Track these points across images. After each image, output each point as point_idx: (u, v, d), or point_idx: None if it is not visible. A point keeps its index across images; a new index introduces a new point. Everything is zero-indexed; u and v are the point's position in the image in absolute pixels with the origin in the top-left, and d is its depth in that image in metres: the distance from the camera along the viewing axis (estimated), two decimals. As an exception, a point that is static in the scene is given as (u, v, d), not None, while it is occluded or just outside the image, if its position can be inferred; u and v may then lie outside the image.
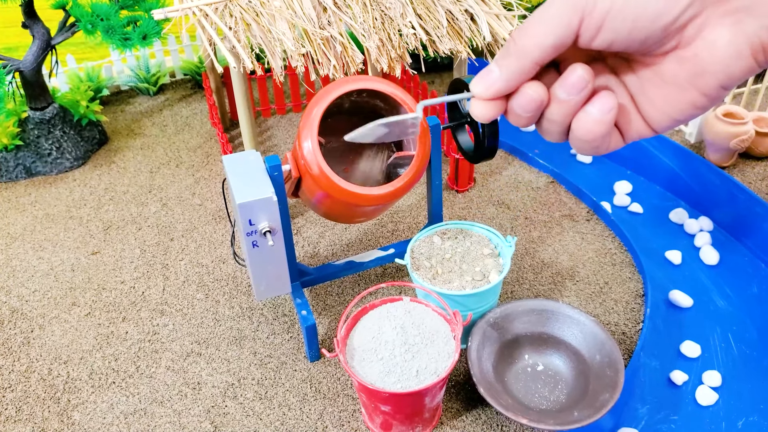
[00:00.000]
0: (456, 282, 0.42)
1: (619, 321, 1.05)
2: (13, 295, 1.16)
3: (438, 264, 0.44)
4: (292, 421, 0.92)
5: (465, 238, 0.44)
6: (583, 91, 0.35)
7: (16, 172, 1.45)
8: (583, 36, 0.34)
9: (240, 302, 1.12)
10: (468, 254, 0.43)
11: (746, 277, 1.12)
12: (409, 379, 0.81)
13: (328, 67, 1.06)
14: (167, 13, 1.06)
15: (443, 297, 0.39)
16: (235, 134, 1.58)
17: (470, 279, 0.42)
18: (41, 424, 0.93)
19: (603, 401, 0.83)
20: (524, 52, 0.34)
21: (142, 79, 1.75)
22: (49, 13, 1.37)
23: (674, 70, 0.34)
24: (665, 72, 0.34)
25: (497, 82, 0.36)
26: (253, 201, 0.84)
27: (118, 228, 1.31)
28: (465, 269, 0.42)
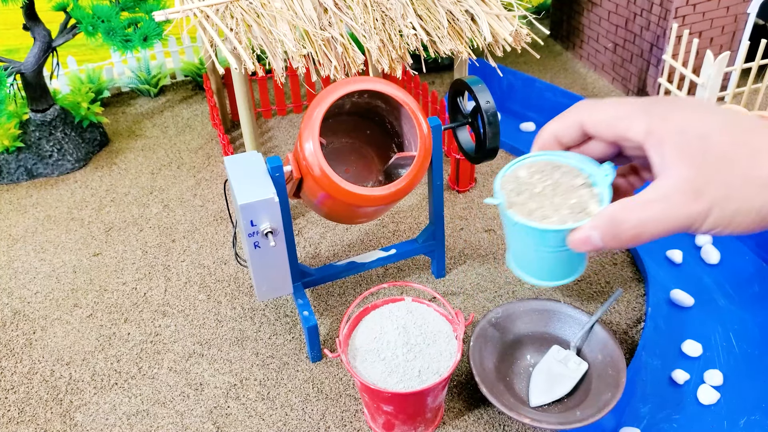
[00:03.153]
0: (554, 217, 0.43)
1: (620, 320, 1.05)
2: (15, 297, 1.16)
3: (530, 199, 0.45)
4: (295, 422, 0.92)
5: (553, 170, 0.45)
6: None
7: (17, 174, 1.45)
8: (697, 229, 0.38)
9: (242, 303, 1.12)
10: (559, 186, 0.44)
11: (748, 276, 1.12)
12: (412, 379, 0.81)
13: (329, 68, 1.06)
14: (168, 14, 1.06)
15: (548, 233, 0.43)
16: (236, 135, 1.58)
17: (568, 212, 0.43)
18: (44, 425, 0.93)
19: (605, 401, 0.84)
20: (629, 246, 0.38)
21: (142, 80, 1.76)
22: (50, 15, 1.37)
23: None
24: None
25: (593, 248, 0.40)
26: (254, 202, 0.84)
27: (119, 229, 1.31)
28: (559, 203, 0.43)
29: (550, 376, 0.91)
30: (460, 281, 1.14)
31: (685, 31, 1.44)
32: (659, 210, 0.36)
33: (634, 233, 0.37)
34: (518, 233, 0.46)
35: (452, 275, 1.15)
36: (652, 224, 0.36)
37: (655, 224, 0.36)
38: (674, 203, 0.35)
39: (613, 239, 0.38)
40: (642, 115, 0.38)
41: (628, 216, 0.37)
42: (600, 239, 0.39)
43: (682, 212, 0.35)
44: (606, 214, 0.38)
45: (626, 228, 0.37)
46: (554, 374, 0.91)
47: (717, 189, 0.35)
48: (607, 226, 0.38)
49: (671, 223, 0.36)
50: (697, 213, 0.35)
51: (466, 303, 1.09)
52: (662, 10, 1.50)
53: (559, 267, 0.47)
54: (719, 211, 0.35)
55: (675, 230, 0.36)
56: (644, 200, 0.36)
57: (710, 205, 0.35)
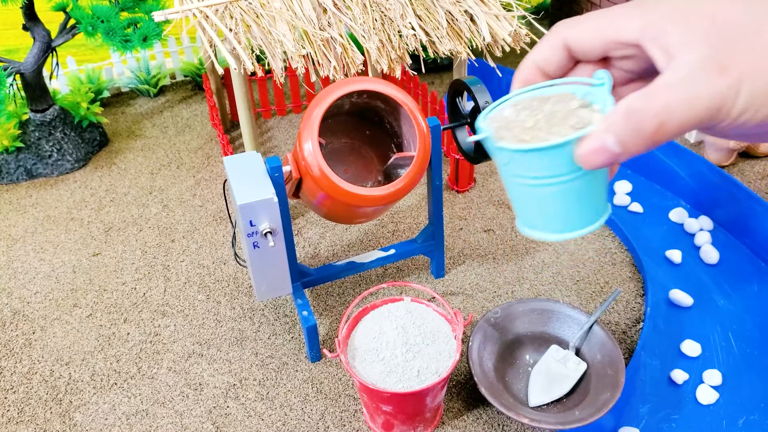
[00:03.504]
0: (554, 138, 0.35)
1: (619, 320, 1.05)
2: (15, 297, 1.16)
3: (522, 133, 0.38)
4: (294, 422, 0.92)
5: (542, 104, 0.38)
6: None
7: (17, 174, 1.45)
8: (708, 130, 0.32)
9: (241, 303, 1.12)
10: (554, 116, 0.37)
11: (746, 275, 1.13)
12: (411, 379, 0.81)
13: (329, 68, 1.06)
14: (167, 14, 1.06)
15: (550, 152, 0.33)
16: (236, 135, 1.58)
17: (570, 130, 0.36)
18: (43, 425, 0.94)
19: (604, 400, 0.84)
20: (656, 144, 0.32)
21: (142, 80, 1.76)
22: (50, 15, 1.37)
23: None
24: None
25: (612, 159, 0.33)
26: (253, 202, 0.84)
27: (119, 229, 1.31)
28: (556, 130, 0.36)
29: (549, 376, 0.91)
30: (460, 281, 1.14)
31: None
32: (684, 90, 0.30)
33: (658, 122, 0.30)
34: (516, 171, 0.37)
35: (451, 275, 1.15)
36: (679, 107, 0.30)
37: (681, 107, 0.30)
38: (699, 80, 0.30)
39: (633, 137, 0.31)
40: (632, 11, 0.33)
41: (649, 104, 0.30)
42: (617, 141, 0.32)
43: (710, 90, 0.30)
44: (620, 110, 0.31)
45: (648, 117, 0.30)
46: (553, 374, 0.91)
47: (743, 59, 0.29)
48: (623, 122, 0.31)
49: (700, 104, 0.30)
50: (727, 87, 0.29)
51: (465, 303, 1.10)
52: (661, 11, 1.50)
53: (575, 206, 0.38)
54: (751, 84, 0.29)
55: (705, 115, 0.30)
56: (663, 84, 0.30)
57: (739, 77, 0.29)
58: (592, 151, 0.33)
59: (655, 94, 0.31)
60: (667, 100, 0.30)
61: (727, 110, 0.30)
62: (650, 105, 0.31)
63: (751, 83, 0.29)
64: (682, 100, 0.30)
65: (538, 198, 0.38)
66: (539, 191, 0.37)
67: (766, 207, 1.15)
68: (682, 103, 0.30)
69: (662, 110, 0.30)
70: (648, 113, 0.31)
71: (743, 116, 0.30)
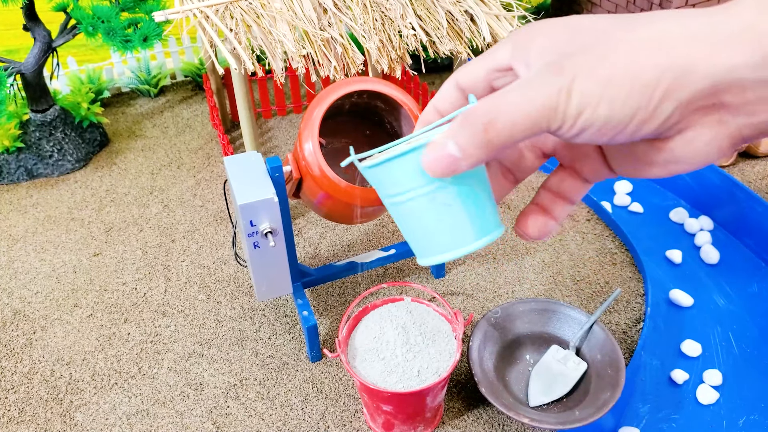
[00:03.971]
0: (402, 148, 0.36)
1: (619, 320, 1.05)
2: (15, 297, 1.16)
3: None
4: (294, 422, 0.92)
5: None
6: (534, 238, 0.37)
7: (17, 174, 1.45)
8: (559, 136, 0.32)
9: (241, 303, 1.12)
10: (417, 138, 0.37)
11: (747, 275, 1.13)
12: (411, 379, 0.81)
13: (329, 68, 1.06)
14: (168, 15, 1.07)
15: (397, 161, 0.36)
16: (236, 135, 1.58)
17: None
18: (44, 425, 0.94)
19: (604, 400, 0.84)
20: (500, 146, 0.32)
21: (142, 80, 1.76)
22: (50, 15, 1.37)
23: (647, 152, 0.33)
24: (637, 151, 0.33)
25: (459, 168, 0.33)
26: (254, 202, 0.84)
27: (119, 229, 1.31)
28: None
29: (549, 376, 0.91)
30: (460, 281, 1.14)
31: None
32: (518, 92, 0.30)
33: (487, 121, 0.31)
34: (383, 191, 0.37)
35: (452, 275, 1.15)
36: (509, 108, 0.30)
37: (511, 108, 0.30)
38: (534, 82, 0.30)
39: (468, 139, 0.31)
40: (507, 40, 0.35)
41: (482, 106, 0.31)
42: (456, 145, 0.32)
43: (543, 89, 0.30)
44: (459, 116, 0.32)
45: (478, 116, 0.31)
46: (553, 374, 0.91)
47: (581, 60, 0.29)
48: (460, 126, 0.32)
49: (531, 104, 0.30)
50: (556, 87, 0.29)
51: (466, 303, 1.10)
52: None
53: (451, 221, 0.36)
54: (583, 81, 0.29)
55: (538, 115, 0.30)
56: (502, 90, 0.31)
57: (573, 77, 0.29)
58: (435, 157, 0.33)
59: (489, 98, 0.31)
60: (498, 102, 0.31)
61: (563, 110, 0.30)
62: (479, 107, 0.31)
63: (583, 81, 0.29)
64: (512, 102, 0.31)
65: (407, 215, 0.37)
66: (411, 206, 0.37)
67: (766, 207, 1.15)
68: (512, 105, 0.30)
69: (491, 109, 0.31)
70: (478, 113, 0.31)
71: (582, 116, 0.30)
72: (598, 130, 0.30)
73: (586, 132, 0.31)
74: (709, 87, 0.29)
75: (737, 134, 0.30)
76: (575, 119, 0.30)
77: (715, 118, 0.30)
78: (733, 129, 0.30)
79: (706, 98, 0.29)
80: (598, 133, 0.31)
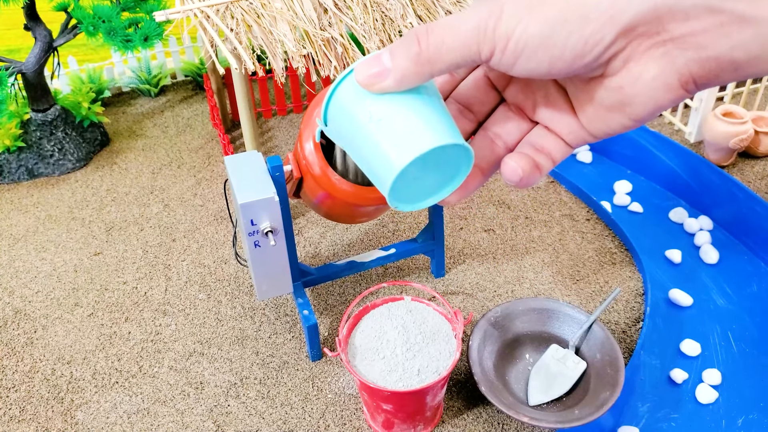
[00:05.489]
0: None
1: (619, 320, 1.05)
2: (17, 296, 1.16)
3: None
4: (295, 420, 0.92)
5: None
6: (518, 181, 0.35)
7: (18, 173, 1.46)
8: (497, 65, 0.31)
9: (242, 302, 1.12)
10: None
11: (746, 275, 1.13)
12: (411, 378, 0.81)
13: (329, 68, 1.06)
14: (169, 14, 1.07)
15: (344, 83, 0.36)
16: (237, 135, 1.59)
17: None
18: (45, 423, 0.94)
19: (603, 399, 0.84)
20: (428, 62, 0.32)
21: (143, 80, 1.76)
22: (51, 15, 1.37)
23: (602, 94, 0.32)
24: (593, 94, 0.33)
25: (387, 80, 0.33)
26: (254, 201, 0.84)
27: (120, 229, 1.31)
28: None
29: (548, 375, 0.91)
30: (460, 281, 1.14)
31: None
32: (452, 17, 0.31)
33: (421, 33, 0.31)
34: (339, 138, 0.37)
35: (451, 275, 1.15)
36: (442, 27, 0.31)
37: (444, 27, 0.31)
38: (467, 10, 0.31)
39: (402, 51, 0.32)
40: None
41: (422, 27, 0.32)
42: (389, 55, 0.32)
43: (472, 13, 0.30)
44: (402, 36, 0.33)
45: (415, 33, 0.31)
46: (553, 373, 0.91)
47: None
48: (398, 42, 0.32)
49: (462, 24, 0.30)
50: (489, 10, 0.30)
51: (466, 302, 1.10)
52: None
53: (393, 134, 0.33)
54: (515, 3, 0.29)
55: (467, 38, 0.30)
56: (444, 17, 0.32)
57: (503, 2, 0.29)
58: (367, 68, 0.33)
59: (431, 23, 0.32)
60: (434, 23, 0.31)
61: (492, 30, 0.30)
62: (422, 27, 0.32)
63: (513, 3, 0.29)
64: (445, 22, 0.31)
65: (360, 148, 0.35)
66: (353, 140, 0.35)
67: (765, 207, 1.15)
68: (444, 24, 0.31)
69: (427, 27, 0.31)
70: (416, 31, 0.32)
71: (513, 38, 0.29)
72: (533, 54, 0.30)
73: (521, 59, 0.30)
74: (650, 11, 0.28)
75: (686, 71, 0.29)
76: (506, 42, 0.30)
77: (661, 51, 0.29)
78: (680, 65, 0.29)
79: (649, 24, 0.28)
80: (534, 58, 0.30)
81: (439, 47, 0.31)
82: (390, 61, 0.32)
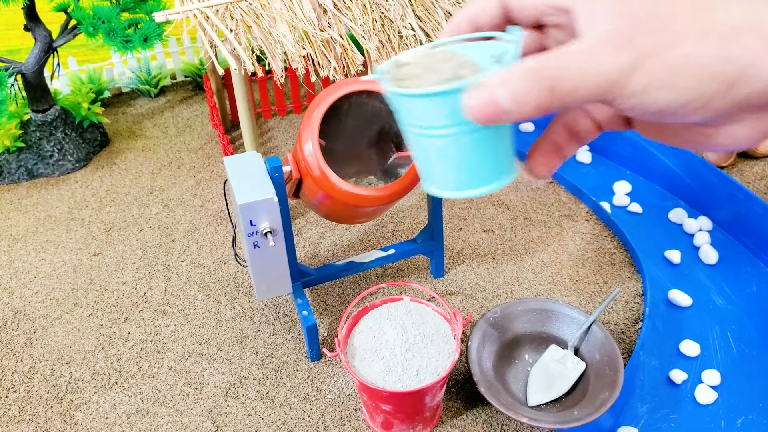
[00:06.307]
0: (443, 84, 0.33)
1: (618, 320, 1.05)
2: (16, 297, 1.16)
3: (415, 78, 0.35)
4: (294, 421, 0.92)
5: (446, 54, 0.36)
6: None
7: (18, 174, 1.46)
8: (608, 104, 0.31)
9: (241, 303, 1.12)
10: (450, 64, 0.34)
11: (745, 276, 1.13)
12: (410, 379, 0.81)
13: (329, 68, 1.06)
14: (168, 15, 1.07)
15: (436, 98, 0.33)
16: (236, 135, 1.59)
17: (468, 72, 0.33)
18: (44, 424, 0.94)
19: (602, 400, 0.84)
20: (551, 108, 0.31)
21: (143, 81, 1.76)
22: (51, 15, 1.37)
23: (682, 129, 0.33)
24: (671, 126, 0.33)
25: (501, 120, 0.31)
26: (254, 202, 0.84)
27: (119, 229, 1.31)
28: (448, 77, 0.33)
29: (547, 376, 0.91)
30: (459, 281, 1.14)
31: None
32: (583, 58, 0.30)
33: (550, 84, 0.30)
34: (407, 119, 0.35)
35: (451, 275, 1.16)
36: (572, 74, 0.29)
37: (575, 74, 0.29)
38: (600, 51, 0.29)
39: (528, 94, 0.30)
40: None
41: (546, 64, 0.30)
42: (508, 96, 0.30)
43: (607, 62, 0.29)
44: (518, 67, 0.30)
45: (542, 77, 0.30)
46: (552, 374, 0.91)
47: (650, 38, 0.29)
48: (517, 79, 0.30)
49: (594, 75, 0.29)
50: (624, 63, 0.29)
51: (465, 303, 1.10)
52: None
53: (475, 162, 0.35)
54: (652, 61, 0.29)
55: (601, 85, 0.29)
56: (564, 51, 0.30)
57: (639, 54, 0.29)
58: (482, 103, 0.31)
59: (554, 57, 0.30)
60: (564, 65, 0.30)
61: (622, 85, 0.29)
62: (547, 65, 0.30)
63: (651, 63, 0.29)
64: (577, 68, 0.30)
65: (430, 150, 0.35)
66: (431, 143, 0.35)
67: (764, 207, 1.15)
68: (576, 71, 0.30)
69: (556, 73, 0.30)
70: (543, 73, 0.30)
71: (641, 96, 0.30)
72: (649, 110, 0.30)
73: (637, 109, 0.30)
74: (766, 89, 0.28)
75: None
76: (633, 97, 0.30)
77: (754, 117, 0.30)
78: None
79: (760, 97, 0.29)
80: (648, 112, 0.30)
81: (570, 97, 0.30)
82: (510, 103, 0.31)
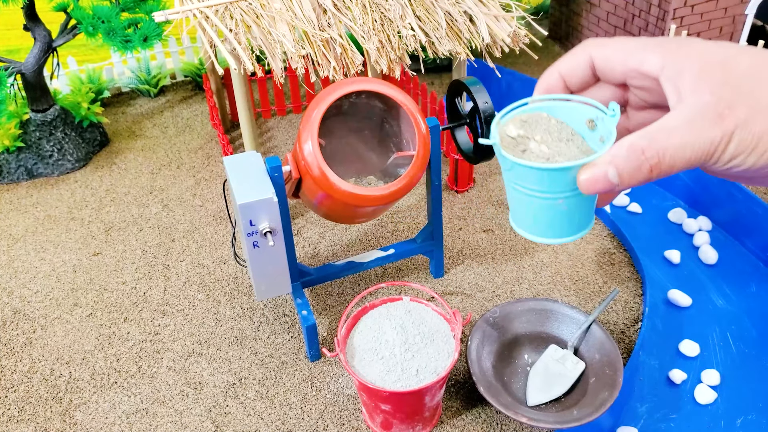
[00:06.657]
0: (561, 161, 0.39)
1: (618, 320, 1.05)
2: (16, 296, 1.16)
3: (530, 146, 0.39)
4: (293, 421, 0.92)
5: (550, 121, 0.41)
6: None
7: (17, 173, 1.46)
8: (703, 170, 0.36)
9: (241, 302, 1.12)
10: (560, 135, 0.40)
11: (745, 276, 1.13)
12: (409, 378, 0.81)
13: (328, 68, 1.06)
14: (168, 15, 1.07)
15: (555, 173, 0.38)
16: (236, 135, 1.59)
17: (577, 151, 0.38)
18: (43, 424, 0.94)
19: (602, 400, 0.84)
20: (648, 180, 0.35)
21: (142, 80, 1.76)
22: (51, 15, 1.37)
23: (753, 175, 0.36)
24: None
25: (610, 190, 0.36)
26: (253, 202, 0.84)
27: (119, 229, 1.31)
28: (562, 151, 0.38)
29: (547, 376, 0.91)
30: (459, 281, 1.14)
31: (683, 32, 1.44)
32: (681, 135, 0.33)
33: (655, 162, 0.34)
34: (516, 180, 0.40)
35: (450, 275, 1.15)
36: (674, 152, 0.34)
37: (677, 151, 0.33)
38: (696, 128, 0.33)
39: (632, 172, 0.35)
40: (656, 47, 0.36)
41: (650, 144, 0.34)
42: (617, 174, 0.35)
43: (704, 137, 0.33)
44: (624, 145, 0.34)
45: (647, 156, 0.34)
46: (551, 374, 0.91)
47: (740, 109, 0.33)
48: (624, 157, 0.34)
49: (693, 149, 0.33)
50: (720, 137, 0.33)
51: (464, 303, 1.10)
52: (660, 11, 1.50)
53: (565, 219, 0.41)
54: (742, 132, 0.33)
55: (697, 159, 0.34)
56: (665, 127, 0.34)
57: (733, 127, 0.33)
58: (594, 179, 0.36)
59: (656, 136, 0.34)
60: (664, 145, 0.34)
61: (718, 156, 0.33)
62: (651, 145, 0.34)
63: (742, 131, 0.33)
64: (678, 145, 0.34)
65: (531, 206, 0.41)
66: (534, 201, 0.40)
67: (764, 207, 1.15)
68: (677, 148, 0.34)
69: (660, 152, 0.34)
70: (647, 153, 0.34)
71: (734, 161, 0.33)
72: (732, 172, 0.34)
73: (725, 172, 0.35)
74: None
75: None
76: (725, 163, 0.34)
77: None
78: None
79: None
80: (732, 173, 0.34)
81: (668, 171, 0.34)
82: (617, 179, 0.35)
